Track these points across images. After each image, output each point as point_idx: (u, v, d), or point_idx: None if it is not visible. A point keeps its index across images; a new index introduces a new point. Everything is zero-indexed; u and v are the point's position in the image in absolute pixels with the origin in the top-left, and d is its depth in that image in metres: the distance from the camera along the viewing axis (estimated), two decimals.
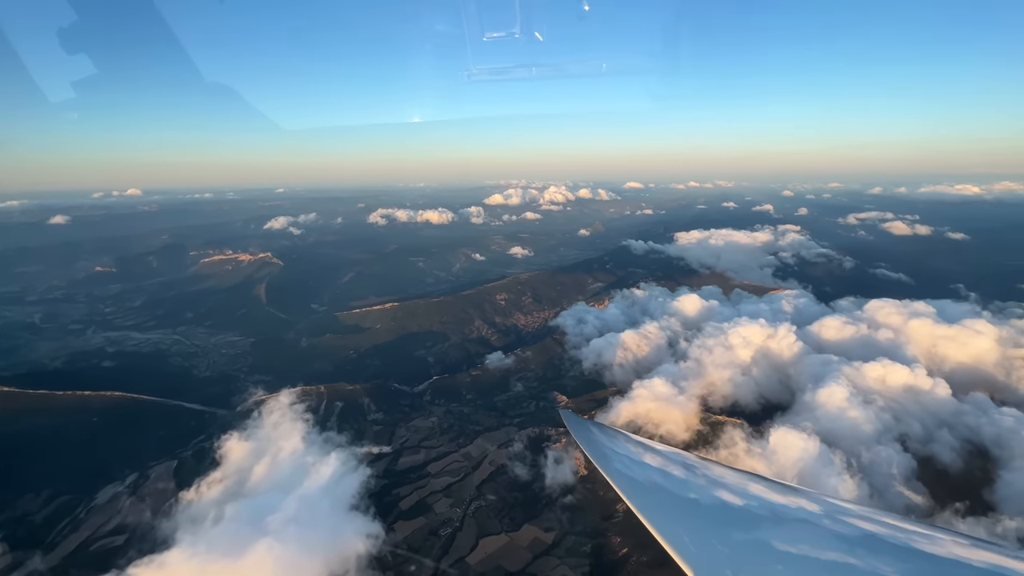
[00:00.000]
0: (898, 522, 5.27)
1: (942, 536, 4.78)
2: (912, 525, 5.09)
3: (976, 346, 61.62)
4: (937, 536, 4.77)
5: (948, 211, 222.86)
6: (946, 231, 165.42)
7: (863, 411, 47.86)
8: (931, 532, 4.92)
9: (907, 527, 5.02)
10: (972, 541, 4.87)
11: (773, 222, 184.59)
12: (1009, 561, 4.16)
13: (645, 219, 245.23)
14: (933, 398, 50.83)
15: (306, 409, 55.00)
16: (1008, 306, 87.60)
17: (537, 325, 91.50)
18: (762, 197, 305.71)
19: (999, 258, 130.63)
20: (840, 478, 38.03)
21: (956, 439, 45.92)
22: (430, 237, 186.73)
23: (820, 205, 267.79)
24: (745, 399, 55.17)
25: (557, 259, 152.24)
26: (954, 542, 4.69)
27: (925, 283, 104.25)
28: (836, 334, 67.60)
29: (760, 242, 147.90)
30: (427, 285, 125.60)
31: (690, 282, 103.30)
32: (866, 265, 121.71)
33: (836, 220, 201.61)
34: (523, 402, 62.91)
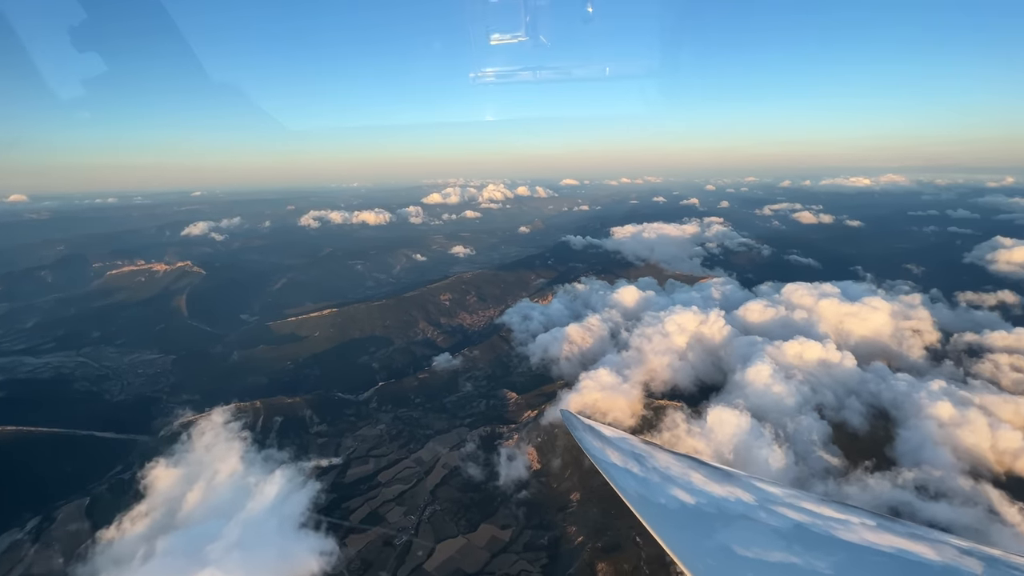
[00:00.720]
0: (892, 522, 5.42)
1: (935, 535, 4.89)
2: (901, 523, 5.26)
3: (874, 321, 69.32)
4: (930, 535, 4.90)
5: (845, 201, 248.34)
6: (844, 219, 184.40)
7: (786, 386, 52.13)
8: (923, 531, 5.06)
9: (901, 527, 5.15)
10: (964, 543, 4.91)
11: (699, 215, 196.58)
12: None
13: (582, 215, 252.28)
14: (842, 369, 56.39)
15: (243, 427, 51.44)
16: (897, 284, 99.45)
17: (483, 324, 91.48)
18: (688, 191, 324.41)
19: (888, 242, 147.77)
20: (770, 449, 41.36)
21: (862, 404, 51.27)
22: (367, 239, 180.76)
23: (739, 198, 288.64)
24: (683, 382, 58.43)
25: (499, 257, 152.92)
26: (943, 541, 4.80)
27: (830, 266, 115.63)
28: (759, 317, 73.06)
29: (689, 234, 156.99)
30: (367, 288, 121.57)
31: (627, 274, 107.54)
32: (781, 252, 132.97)
33: (753, 212, 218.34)
34: (473, 402, 62.68)
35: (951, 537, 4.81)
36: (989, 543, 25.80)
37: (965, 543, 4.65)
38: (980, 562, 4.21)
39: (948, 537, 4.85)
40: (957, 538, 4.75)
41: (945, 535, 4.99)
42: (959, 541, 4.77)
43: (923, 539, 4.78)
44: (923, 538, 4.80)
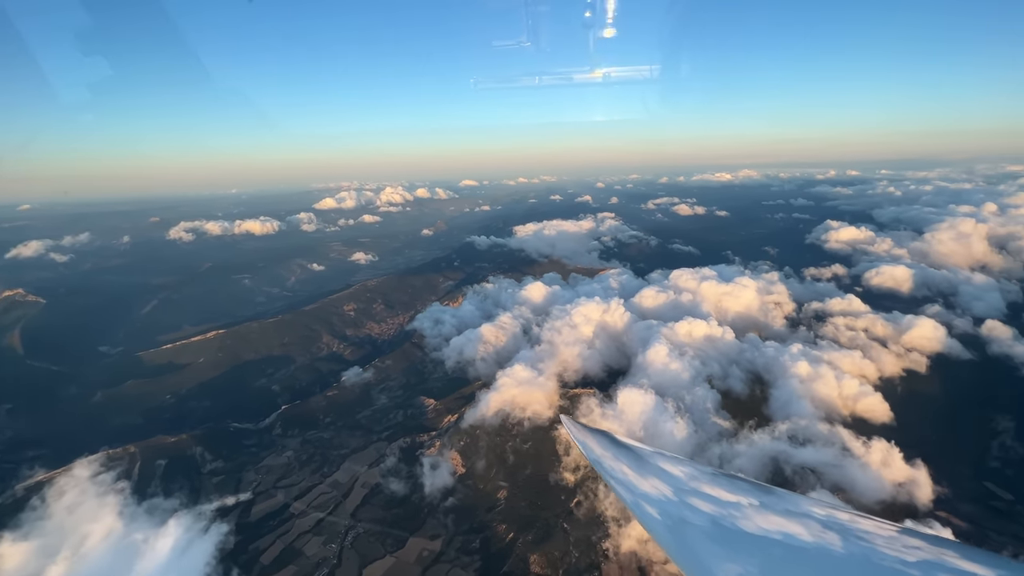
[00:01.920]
0: (896, 529, 5.35)
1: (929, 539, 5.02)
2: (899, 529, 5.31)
3: (745, 297, 79.33)
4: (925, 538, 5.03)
5: (713, 194, 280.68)
6: (714, 210, 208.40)
7: (680, 362, 57.61)
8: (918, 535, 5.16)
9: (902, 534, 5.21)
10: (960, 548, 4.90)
11: (593, 211, 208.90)
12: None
13: (484, 215, 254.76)
14: (724, 342, 63.75)
15: (116, 478, 44.04)
16: (759, 264, 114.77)
17: (393, 332, 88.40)
18: (581, 189, 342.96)
19: (749, 228, 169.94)
20: (674, 421, 45.55)
21: (742, 372, 58.47)
22: (254, 250, 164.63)
23: (626, 194, 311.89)
24: (593, 369, 61.88)
25: (404, 261, 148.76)
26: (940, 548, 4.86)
27: (707, 252, 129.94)
28: (653, 302, 79.70)
29: (585, 229, 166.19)
30: (258, 305, 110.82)
31: (533, 271, 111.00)
32: (666, 242, 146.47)
33: (639, 206, 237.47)
34: (389, 414, 60.37)
35: (954, 543, 4.77)
36: (846, 477, 30.76)
37: (973, 550, 4.56)
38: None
39: (951, 543, 4.81)
40: (959, 543, 4.69)
41: (948, 540, 5.02)
42: (962, 546, 4.73)
43: (924, 543, 4.88)
44: (924, 541, 4.91)
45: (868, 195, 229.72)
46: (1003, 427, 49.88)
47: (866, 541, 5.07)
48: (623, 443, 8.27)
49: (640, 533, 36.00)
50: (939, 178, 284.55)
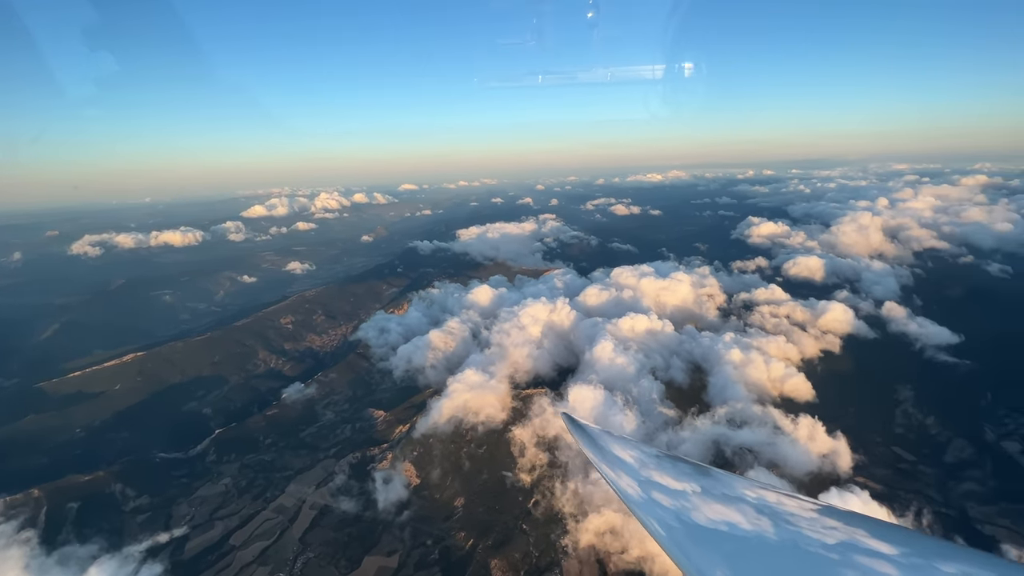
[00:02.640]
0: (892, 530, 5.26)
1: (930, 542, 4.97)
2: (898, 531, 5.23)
3: (681, 291, 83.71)
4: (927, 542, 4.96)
5: (646, 194, 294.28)
6: (648, 209, 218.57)
7: (625, 356, 59.71)
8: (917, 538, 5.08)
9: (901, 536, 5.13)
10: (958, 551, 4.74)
11: (534, 213, 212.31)
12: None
13: (426, 219, 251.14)
14: (664, 335, 66.90)
15: (19, 527, 38.77)
16: (691, 260, 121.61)
17: (336, 343, 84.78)
18: (522, 192, 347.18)
19: (680, 226, 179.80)
20: (623, 414, 47.14)
21: (682, 362, 61.64)
22: (175, 263, 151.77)
23: (565, 195, 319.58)
24: (544, 369, 62.76)
25: (344, 270, 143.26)
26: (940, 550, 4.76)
27: (644, 250, 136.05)
28: (596, 300, 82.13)
29: (528, 231, 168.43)
30: (183, 323, 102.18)
31: (478, 274, 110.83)
32: (606, 241, 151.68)
33: (579, 207, 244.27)
34: (336, 429, 57.84)
35: (956, 546, 4.75)
36: (779, 454, 33.18)
37: (973, 552, 4.49)
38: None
39: (953, 545, 4.80)
40: (962, 546, 4.62)
41: (948, 543, 5.00)
42: (965, 549, 4.64)
43: (924, 547, 4.80)
44: (924, 546, 4.84)
45: (782, 192, 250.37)
46: (904, 396, 56.22)
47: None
48: (624, 441, 8.18)
49: (597, 526, 36.94)
50: (840, 176, 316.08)
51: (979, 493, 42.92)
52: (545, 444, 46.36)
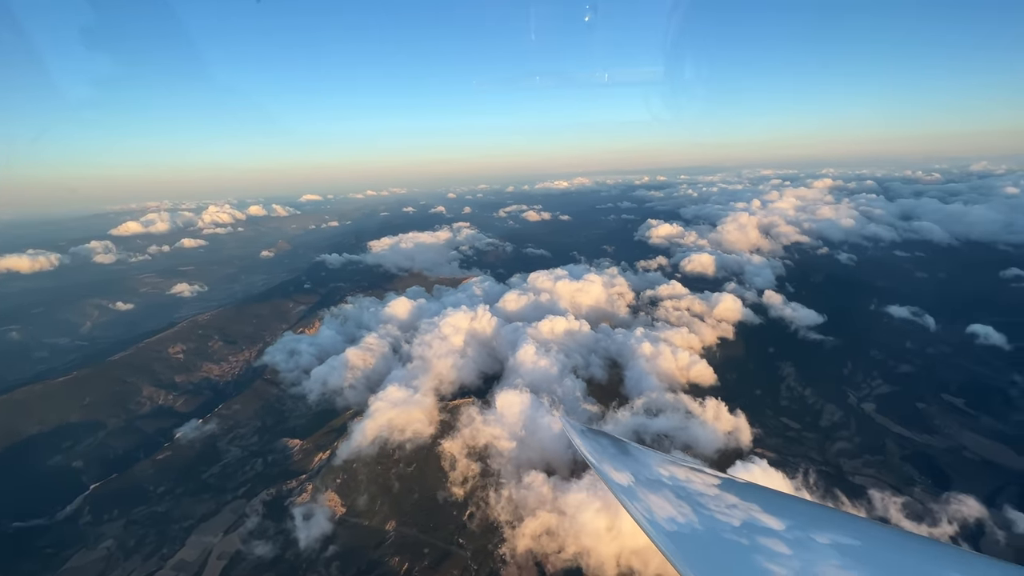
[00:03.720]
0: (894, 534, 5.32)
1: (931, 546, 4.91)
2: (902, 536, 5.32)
3: (594, 292, 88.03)
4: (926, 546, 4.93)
5: (555, 200, 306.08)
6: (558, 215, 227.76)
7: (548, 358, 61.26)
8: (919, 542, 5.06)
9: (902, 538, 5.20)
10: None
11: (448, 221, 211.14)
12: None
13: (333, 231, 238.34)
14: (582, 334, 69.78)
15: None
16: (601, 261, 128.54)
17: (238, 370, 76.92)
18: (434, 200, 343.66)
19: (588, 230, 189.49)
20: (550, 415, 48.21)
21: (600, 359, 64.73)
22: (24, 292, 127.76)
23: (478, 203, 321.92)
24: (469, 378, 62.29)
25: (242, 289, 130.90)
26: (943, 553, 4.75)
27: (557, 254, 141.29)
28: (516, 305, 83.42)
29: (443, 240, 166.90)
30: (39, 362, 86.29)
31: (394, 286, 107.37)
32: (520, 247, 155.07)
33: (492, 214, 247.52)
34: (245, 466, 52.43)
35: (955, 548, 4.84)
36: (691, 436, 36.08)
37: (972, 553, 4.54)
38: None
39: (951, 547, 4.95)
40: (961, 547, 4.75)
41: (948, 545, 5.08)
42: (964, 551, 4.67)
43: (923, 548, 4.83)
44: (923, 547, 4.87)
45: (675, 197, 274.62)
46: (786, 372, 64.21)
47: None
48: (624, 444, 8.00)
49: (533, 529, 37.35)
50: (721, 181, 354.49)
51: (848, 450, 50.27)
52: (476, 454, 45.97)
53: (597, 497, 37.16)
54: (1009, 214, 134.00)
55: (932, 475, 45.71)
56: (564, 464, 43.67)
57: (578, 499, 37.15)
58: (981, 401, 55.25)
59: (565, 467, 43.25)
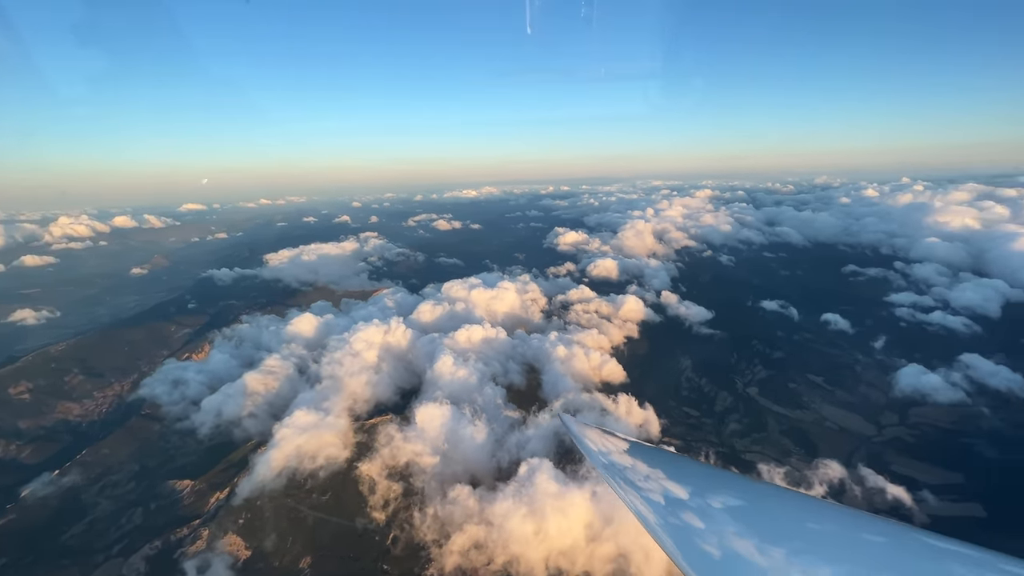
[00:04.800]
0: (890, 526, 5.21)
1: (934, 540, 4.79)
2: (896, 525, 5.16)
3: (508, 299, 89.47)
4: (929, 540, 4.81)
5: (465, 209, 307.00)
6: (469, 223, 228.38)
7: (466, 368, 60.88)
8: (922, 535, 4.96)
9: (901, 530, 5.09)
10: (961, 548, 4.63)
11: (354, 231, 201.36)
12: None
13: (222, 244, 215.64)
14: (499, 342, 70.47)
15: None
16: (513, 269, 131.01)
17: (107, 408, 65.95)
18: (337, 209, 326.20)
19: (499, 238, 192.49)
20: (473, 425, 47.86)
21: (518, 365, 65.79)
22: None
23: (385, 212, 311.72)
24: (385, 395, 59.73)
25: (108, 313, 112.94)
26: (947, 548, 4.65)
27: (470, 262, 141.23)
28: (431, 316, 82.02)
29: (349, 251, 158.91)
30: None
31: (297, 302, 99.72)
32: (432, 256, 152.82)
33: (401, 224, 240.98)
34: (119, 519, 44.96)
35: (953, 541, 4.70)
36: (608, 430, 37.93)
37: (969, 548, 4.47)
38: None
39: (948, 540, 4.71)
40: (959, 542, 4.57)
41: (944, 537, 4.91)
42: (960, 545, 4.58)
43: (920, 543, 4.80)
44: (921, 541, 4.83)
45: (578, 206, 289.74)
46: (685, 365, 70.40)
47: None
48: (627, 442, 7.78)
49: (461, 544, 36.64)
50: (618, 191, 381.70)
51: (739, 430, 56.34)
52: (397, 474, 44.08)
53: (523, 503, 37.57)
54: (845, 220, 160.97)
55: (804, 445, 52.85)
56: (489, 474, 43.56)
57: (505, 507, 37.22)
58: (835, 378, 65.21)
59: (490, 477, 43.14)
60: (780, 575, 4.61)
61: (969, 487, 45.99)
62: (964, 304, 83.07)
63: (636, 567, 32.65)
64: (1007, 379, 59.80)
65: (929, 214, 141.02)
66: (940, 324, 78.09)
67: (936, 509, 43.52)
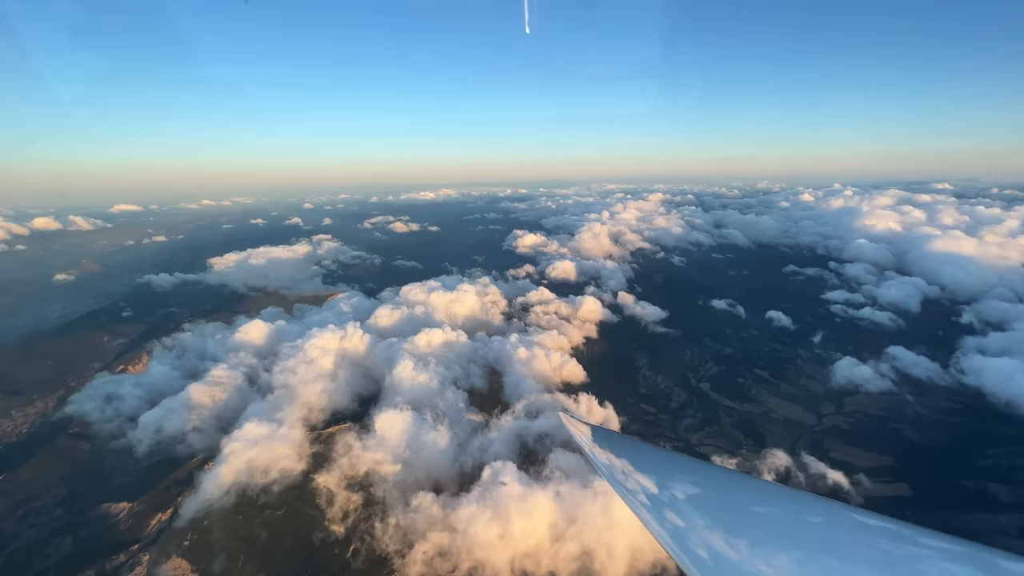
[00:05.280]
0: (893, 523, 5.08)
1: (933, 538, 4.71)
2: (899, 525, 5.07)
3: (468, 301, 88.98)
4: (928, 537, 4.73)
5: (422, 211, 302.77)
6: (427, 225, 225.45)
7: (427, 372, 60.01)
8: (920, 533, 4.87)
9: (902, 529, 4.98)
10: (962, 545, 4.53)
11: (306, 234, 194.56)
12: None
13: (161, 247, 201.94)
14: (460, 345, 69.88)
15: None
16: (473, 271, 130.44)
17: (28, 428, 60.05)
18: (287, 211, 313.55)
19: (458, 240, 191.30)
20: (435, 430, 47.15)
21: (479, 368, 65.46)
22: None
23: (339, 214, 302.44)
24: (343, 403, 57.83)
25: (27, 324, 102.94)
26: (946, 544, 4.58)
27: (429, 265, 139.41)
28: (389, 320, 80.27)
29: (302, 254, 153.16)
30: None
31: (246, 309, 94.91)
32: (389, 259, 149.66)
33: (357, 226, 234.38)
34: (45, 548, 41.03)
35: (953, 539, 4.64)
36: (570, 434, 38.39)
37: (966, 546, 4.43)
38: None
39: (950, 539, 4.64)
40: (959, 540, 4.52)
41: (947, 536, 4.84)
42: (961, 544, 4.51)
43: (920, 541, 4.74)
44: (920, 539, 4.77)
45: (536, 208, 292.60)
46: (642, 363, 72.54)
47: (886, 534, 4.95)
48: (628, 440, 7.61)
49: (425, 553, 35.99)
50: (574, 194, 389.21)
51: (694, 424, 58.64)
52: (357, 484, 42.74)
53: (487, 507, 37.38)
54: (784, 223, 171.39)
55: (753, 436, 55.69)
56: (452, 479, 43.07)
57: (469, 512, 36.89)
58: (780, 372, 69.17)
59: (453, 482, 42.67)
60: (781, 573, 4.60)
61: (897, 469, 49.99)
62: (889, 300, 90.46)
63: (600, 564, 33.25)
64: (927, 368, 65.61)
65: (858, 218, 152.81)
66: (869, 319, 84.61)
67: (870, 491, 46.99)
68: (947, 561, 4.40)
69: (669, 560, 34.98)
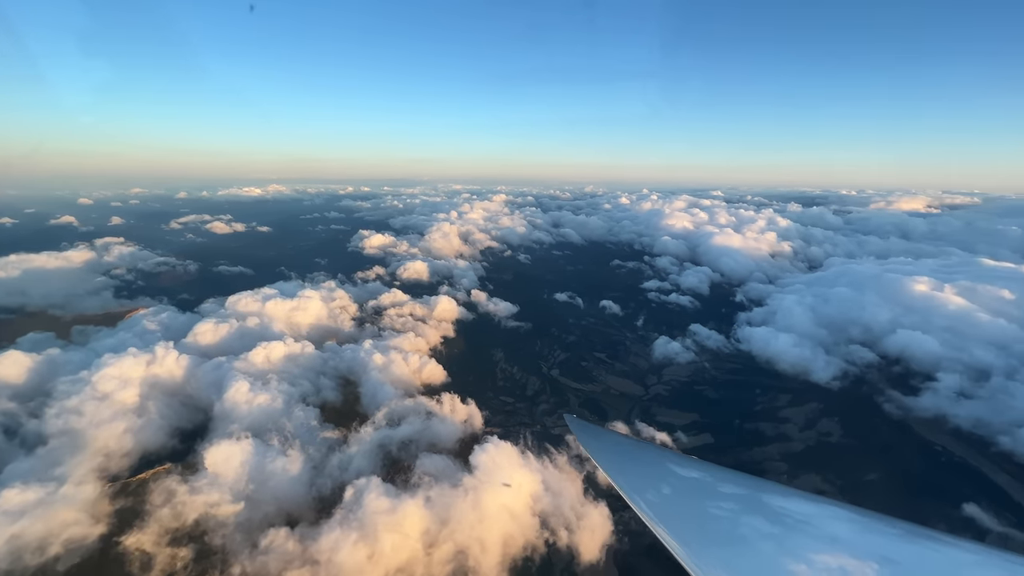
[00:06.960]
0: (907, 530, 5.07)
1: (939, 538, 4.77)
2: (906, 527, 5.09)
3: (313, 309, 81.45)
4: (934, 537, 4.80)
5: (247, 209, 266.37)
6: (255, 226, 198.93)
7: (268, 392, 53.19)
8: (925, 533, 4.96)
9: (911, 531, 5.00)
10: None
11: (85, 236, 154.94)
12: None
13: None
14: (306, 357, 63.63)
15: None
16: (315, 275, 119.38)
17: None
18: (53, 207, 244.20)
19: (295, 242, 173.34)
20: (284, 456, 41.93)
21: (331, 380, 60.43)
22: None
23: (133, 212, 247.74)
24: (157, 441, 47.57)
25: None
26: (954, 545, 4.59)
27: (260, 271, 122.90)
28: (214, 336, 68.99)
29: (79, 262, 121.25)
30: None
31: None
32: (209, 265, 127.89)
33: (160, 226, 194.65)
34: None
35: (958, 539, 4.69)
36: (434, 434, 38.21)
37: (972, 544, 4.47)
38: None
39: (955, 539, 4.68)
40: (962, 539, 4.54)
41: (950, 536, 4.87)
42: (965, 543, 4.55)
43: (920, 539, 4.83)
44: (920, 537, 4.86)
45: (382, 207, 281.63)
46: (498, 358, 75.49)
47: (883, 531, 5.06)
48: (630, 441, 7.06)
49: None
50: (421, 194, 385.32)
51: (548, 409, 63.28)
52: (184, 536, 35.64)
53: (352, 529, 34.78)
54: (608, 222, 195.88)
55: (598, 412, 62.58)
56: (309, 507, 38.87)
57: (332, 540, 33.78)
58: (614, 353, 78.98)
59: (311, 510, 38.55)
60: (782, 571, 4.68)
61: (703, 423, 61.37)
62: (688, 286, 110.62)
63: (474, 559, 33.65)
64: (717, 340, 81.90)
65: (663, 218, 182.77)
66: (676, 303, 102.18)
67: (685, 444, 56.77)
68: (947, 559, 4.46)
69: (538, 541, 37.24)
